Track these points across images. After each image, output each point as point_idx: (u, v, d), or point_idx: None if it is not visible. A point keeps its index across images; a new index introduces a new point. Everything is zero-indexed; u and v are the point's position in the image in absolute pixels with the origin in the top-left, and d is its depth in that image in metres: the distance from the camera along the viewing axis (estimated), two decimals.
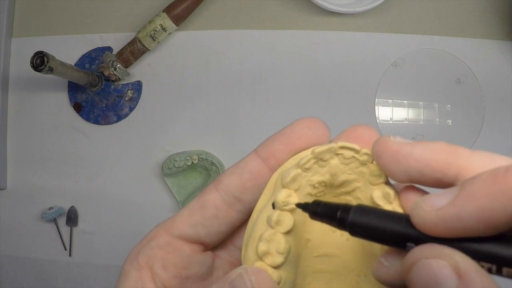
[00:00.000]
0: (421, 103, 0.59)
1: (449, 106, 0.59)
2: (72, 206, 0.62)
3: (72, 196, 0.63)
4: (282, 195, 0.17)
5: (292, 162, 0.18)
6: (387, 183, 0.17)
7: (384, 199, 0.17)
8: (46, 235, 0.63)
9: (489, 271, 0.13)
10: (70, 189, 0.63)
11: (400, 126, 0.59)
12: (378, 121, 0.60)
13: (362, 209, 0.15)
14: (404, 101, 0.60)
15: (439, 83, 0.59)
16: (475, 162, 0.14)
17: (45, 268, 0.63)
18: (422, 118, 0.59)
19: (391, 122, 0.60)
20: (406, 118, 0.59)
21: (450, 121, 0.59)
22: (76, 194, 0.63)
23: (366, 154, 0.17)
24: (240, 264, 0.20)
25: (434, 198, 0.14)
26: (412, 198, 0.16)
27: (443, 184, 0.15)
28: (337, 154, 0.17)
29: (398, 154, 0.15)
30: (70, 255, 0.62)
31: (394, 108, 0.60)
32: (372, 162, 0.17)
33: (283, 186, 0.17)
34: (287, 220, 0.17)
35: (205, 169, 0.59)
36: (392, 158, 0.16)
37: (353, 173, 0.17)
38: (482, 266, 0.13)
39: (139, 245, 0.19)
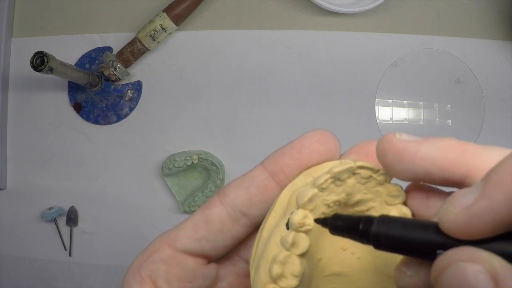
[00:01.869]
0: (421, 103, 0.59)
1: (449, 106, 0.59)
2: (72, 206, 0.62)
3: (72, 196, 0.63)
4: (299, 216, 0.16)
5: (303, 178, 0.17)
6: (404, 203, 0.17)
7: None
8: (46, 235, 0.63)
9: None
10: (70, 189, 0.63)
11: (400, 126, 0.59)
12: (378, 121, 0.60)
13: (386, 219, 0.15)
14: (404, 101, 0.60)
15: (439, 83, 0.59)
16: (486, 160, 0.14)
17: (45, 268, 0.63)
18: (422, 118, 0.59)
19: (391, 122, 0.60)
20: (406, 118, 0.59)
21: (450, 121, 0.59)
22: (76, 194, 0.63)
23: (383, 174, 0.17)
24: (245, 274, 0.20)
25: (461, 197, 0.13)
26: (419, 201, 0.16)
27: (452, 183, 0.14)
28: (354, 174, 0.16)
29: (404, 152, 0.15)
30: (70, 255, 0.62)
31: (394, 108, 0.60)
32: (389, 182, 0.16)
33: (299, 207, 0.16)
34: (303, 242, 0.16)
35: (205, 169, 0.59)
36: (397, 156, 0.15)
37: (369, 193, 0.17)
38: None
39: (141, 257, 0.19)
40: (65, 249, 0.62)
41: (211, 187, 0.58)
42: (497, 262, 0.12)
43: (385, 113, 0.60)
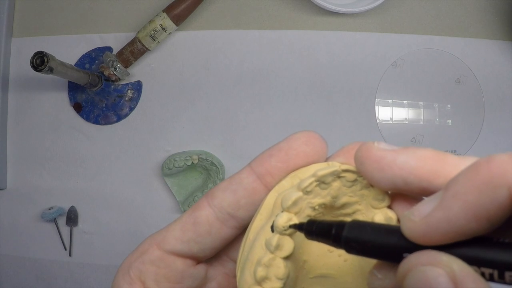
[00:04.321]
0: (421, 103, 0.59)
1: (449, 106, 0.59)
2: (72, 206, 0.62)
3: (72, 196, 0.63)
4: (283, 219, 0.16)
5: (290, 180, 0.18)
6: (390, 207, 0.17)
7: (386, 223, 0.16)
8: (46, 235, 0.63)
9: (491, 277, 0.12)
10: (70, 189, 0.63)
11: (400, 126, 0.59)
12: (378, 121, 0.60)
13: (357, 224, 0.15)
14: (404, 101, 0.60)
15: (439, 83, 0.59)
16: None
17: (45, 268, 0.63)
18: (422, 118, 0.59)
19: (391, 122, 0.60)
20: (406, 118, 0.59)
21: (450, 121, 0.59)
22: (76, 194, 0.63)
23: None
24: (234, 275, 0.20)
25: (421, 206, 0.13)
26: (402, 205, 0.16)
27: (430, 193, 0.15)
28: (339, 177, 0.17)
29: (382, 161, 0.15)
30: (70, 255, 0.62)
31: (394, 108, 0.60)
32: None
33: (284, 210, 0.16)
34: (287, 245, 0.16)
35: (205, 169, 0.59)
36: (375, 165, 0.15)
37: (355, 196, 0.17)
38: (484, 272, 0.12)
39: (130, 257, 0.19)
40: (65, 249, 0.62)
41: (211, 187, 0.58)
42: (456, 265, 0.12)
43: (385, 113, 0.60)
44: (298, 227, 0.16)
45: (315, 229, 0.16)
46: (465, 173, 0.13)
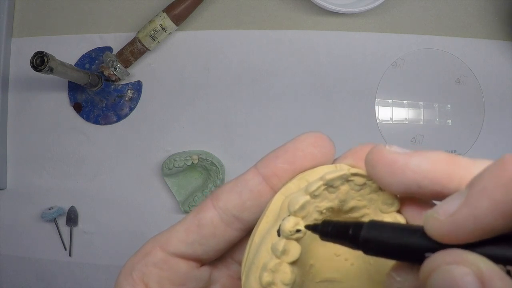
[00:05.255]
0: (421, 103, 0.59)
1: (449, 106, 0.59)
2: (72, 206, 0.62)
3: (72, 196, 0.63)
4: (290, 224, 0.16)
5: (297, 182, 0.17)
6: (399, 211, 0.17)
7: None
8: (46, 235, 0.63)
9: None
10: (70, 189, 0.63)
11: (400, 126, 0.59)
12: (378, 121, 0.60)
13: (375, 225, 0.15)
14: (404, 101, 0.60)
15: (439, 83, 0.59)
16: (476, 173, 0.13)
17: (45, 268, 0.63)
18: (422, 118, 0.59)
19: (391, 122, 0.60)
20: (406, 118, 0.59)
21: (450, 121, 0.59)
22: (76, 194, 0.63)
23: None
24: (239, 277, 0.20)
25: (445, 204, 0.13)
26: (413, 209, 0.16)
27: (443, 196, 0.14)
28: (348, 181, 0.16)
29: (394, 164, 0.15)
30: (70, 255, 0.62)
31: (394, 108, 0.60)
32: (384, 190, 0.16)
33: (291, 213, 0.16)
34: (294, 250, 0.16)
35: (205, 169, 0.59)
36: (387, 168, 0.15)
37: (363, 200, 0.17)
38: (510, 271, 0.12)
39: (133, 259, 0.19)
40: (65, 249, 0.62)
41: (211, 187, 0.58)
42: (483, 263, 0.12)
43: (385, 113, 0.60)
44: (313, 228, 0.16)
45: (331, 230, 0.16)
46: (491, 170, 0.12)
